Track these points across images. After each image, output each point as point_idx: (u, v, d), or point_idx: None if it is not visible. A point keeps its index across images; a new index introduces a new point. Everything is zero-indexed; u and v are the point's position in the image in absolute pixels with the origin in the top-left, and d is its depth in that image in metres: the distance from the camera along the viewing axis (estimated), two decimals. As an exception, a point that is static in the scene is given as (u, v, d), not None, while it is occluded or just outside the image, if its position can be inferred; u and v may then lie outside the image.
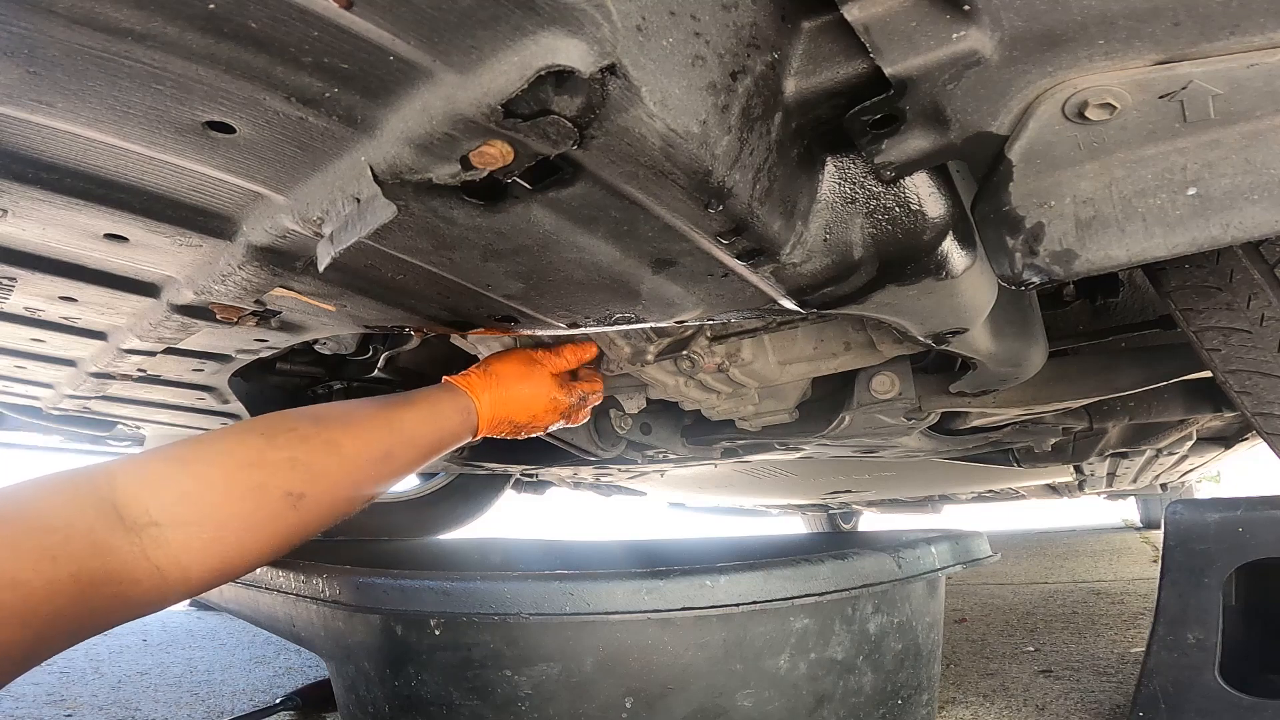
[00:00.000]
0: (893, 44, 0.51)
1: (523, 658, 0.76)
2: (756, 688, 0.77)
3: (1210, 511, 0.94)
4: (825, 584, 0.79)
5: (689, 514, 4.37)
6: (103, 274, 0.86)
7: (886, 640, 0.86)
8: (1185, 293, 1.02)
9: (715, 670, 0.76)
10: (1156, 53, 0.53)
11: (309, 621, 0.97)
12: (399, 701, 0.82)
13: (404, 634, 0.81)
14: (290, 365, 1.58)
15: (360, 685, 0.88)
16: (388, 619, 0.82)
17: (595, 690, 0.75)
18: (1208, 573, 0.92)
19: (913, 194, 0.66)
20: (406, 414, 0.91)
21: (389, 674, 0.83)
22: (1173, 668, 0.91)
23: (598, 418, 1.68)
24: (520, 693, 0.76)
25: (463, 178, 0.55)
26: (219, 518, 0.68)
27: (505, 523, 3.02)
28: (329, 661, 0.99)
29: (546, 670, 0.75)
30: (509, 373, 1.10)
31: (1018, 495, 3.70)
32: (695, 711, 0.75)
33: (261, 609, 1.09)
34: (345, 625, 0.89)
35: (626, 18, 0.43)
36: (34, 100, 0.52)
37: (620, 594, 0.73)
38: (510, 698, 0.76)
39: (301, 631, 0.99)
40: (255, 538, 0.71)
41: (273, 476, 0.73)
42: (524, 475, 2.62)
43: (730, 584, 0.75)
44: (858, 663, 0.83)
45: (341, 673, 0.92)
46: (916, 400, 1.31)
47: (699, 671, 0.75)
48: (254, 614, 1.12)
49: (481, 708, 0.77)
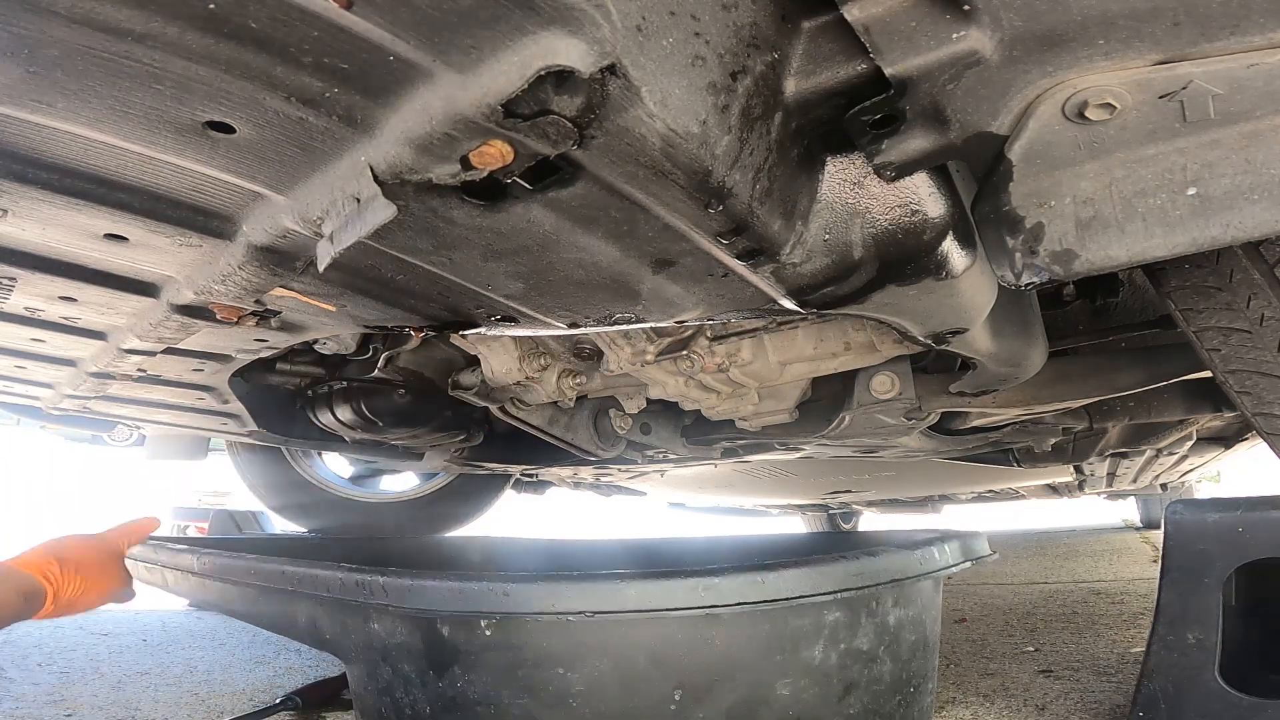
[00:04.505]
0: (893, 44, 0.51)
1: (577, 655, 0.78)
2: (794, 677, 0.81)
3: (1210, 511, 0.94)
4: (859, 579, 0.83)
5: (688, 514, 4.37)
6: (103, 274, 0.85)
7: (903, 632, 0.90)
8: (1185, 293, 1.02)
9: (759, 662, 0.80)
10: (1156, 53, 0.53)
11: (335, 624, 0.95)
12: (442, 703, 0.82)
13: (451, 635, 0.81)
14: (290, 365, 1.58)
15: (397, 687, 0.87)
16: (434, 620, 0.82)
17: (646, 684, 0.78)
18: (1208, 573, 0.91)
19: (913, 194, 0.66)
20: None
21: (432, 675, 0.83)
22: (1173, 668, 0.91)
23: (598, 418, 1.68)
24: (573, 689, 0.77)
25: (463, 178, 0.55)
26: None
27: (496, 522, 3.02)
28: (354, 665, 0.96)
29: (599, 666, 0.78)
30: (86, 563, 1.13)
31: (1018, 495, 3.70)
32: (739, 701, 0.79)
33: (274, 610, 1.07)
34: (383, 627, 0.88)
35: (626, 18, 0.43)
36: (34, 100, 0.52)
37: (679, 591, 0.76)
38: (562, 694, 0.78)
39: (326, 634, 0.97)
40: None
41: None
42: (524, 475, 2.62)
43: (779, 580, 0.78)
44: (879, 653, 0.87)
45: (373, 675, 0.91)
46: (916, 400, 1.31)
47: (744, 663, 0.79)
48: (262, 616, 1.11)
49: (532, 705, 0.78)
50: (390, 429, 1.66)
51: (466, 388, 1.45)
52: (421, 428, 1.72)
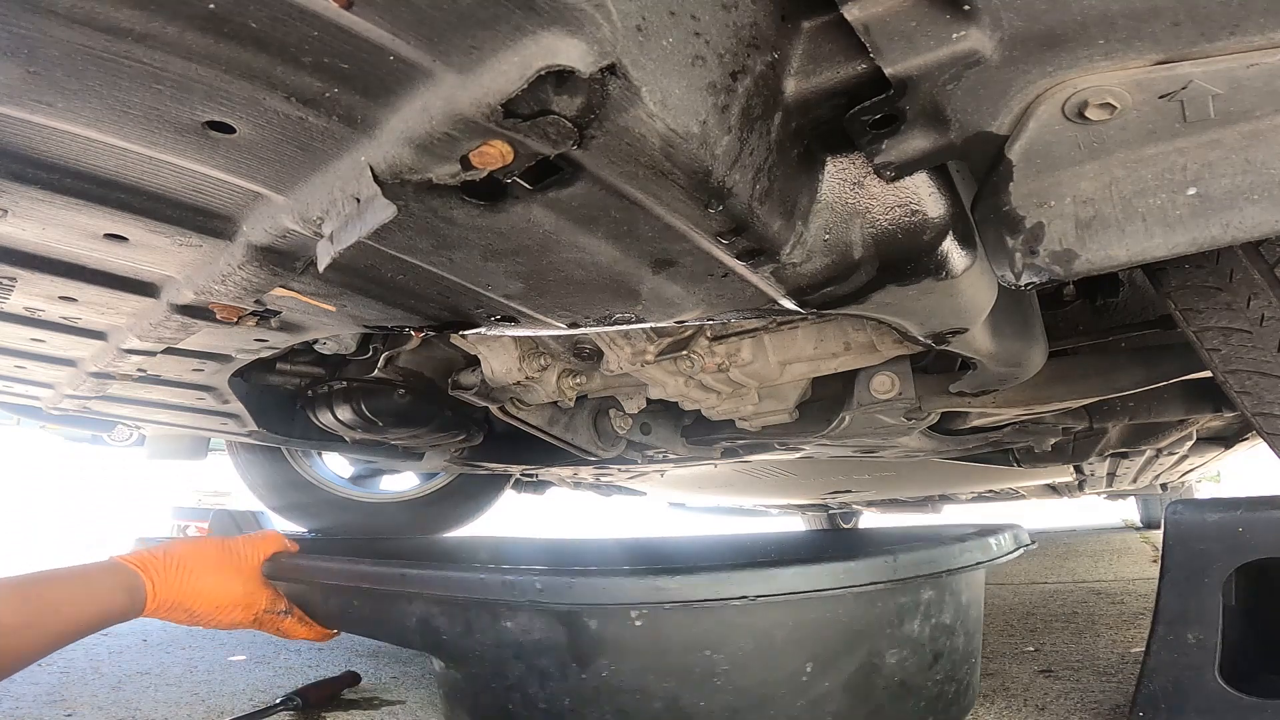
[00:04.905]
0: (893, 44, 0.51)
1: (724, 638, 0.85)
2: (899, 648, 0.92)
3: (1210, 511, 0.94)
4: (951, 563, 0.95)
5: (687, 514, 4.37)
6: (103, 274, 0.86)
7: (971, 610, 1.03)
8: (1185, 293, 1.02)
9: (874, 634, 0.90)
10: (1156, 53, 0.53)
11: (457, 625, 0.97)
12: (584, 694, 0.87)
13: (599, 627, 0.86)
14: (290, 365, 1.58)
15: (530, 683, 0.91)
16: (579, 614, 0.86)
17: (784, 659, 0.86)
18: (1208, 573, 0.91)
19: (913, 194, 0.66)
20: (55, 587, 0.97)
21: (575, 668, 0.87)
22: (1173, 668, 0.91)
23: (598, 418, 1.68)
24: (718, 669, 0.84)
25: (463, 178, 0.55)
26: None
27: (490, 523, 3.02)
28: (468, 666, 0.98)
29: (743, 646, 0.85)
30: (192, 558, 1.12)
31: (1018, 495, 3.70)
32: (857, 670, 0.89)
33: (375, 615, 1.09)
34: (518, 624, 0.91)
35: (626, 18, 0.43)
36: (34, 100, 0.52)
37: (825, 575, 0.85)
38: (707, 674, 0.84)
39: (443, 635, 0.98)
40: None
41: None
42: (524, 475, 2.62)
43: (904, 561, 0.90)
44: (956, 626, 0.99)
45: (498, 674, 0.93)
46: (916, 400, 1.31)
47: (864, 636, 0.90)
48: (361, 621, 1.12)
49: (677, 688, 0.85)
50: (390, 429, 1.66)
51: (466, 388, 1.45)
52: (421, 428, 1.72)
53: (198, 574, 1.12)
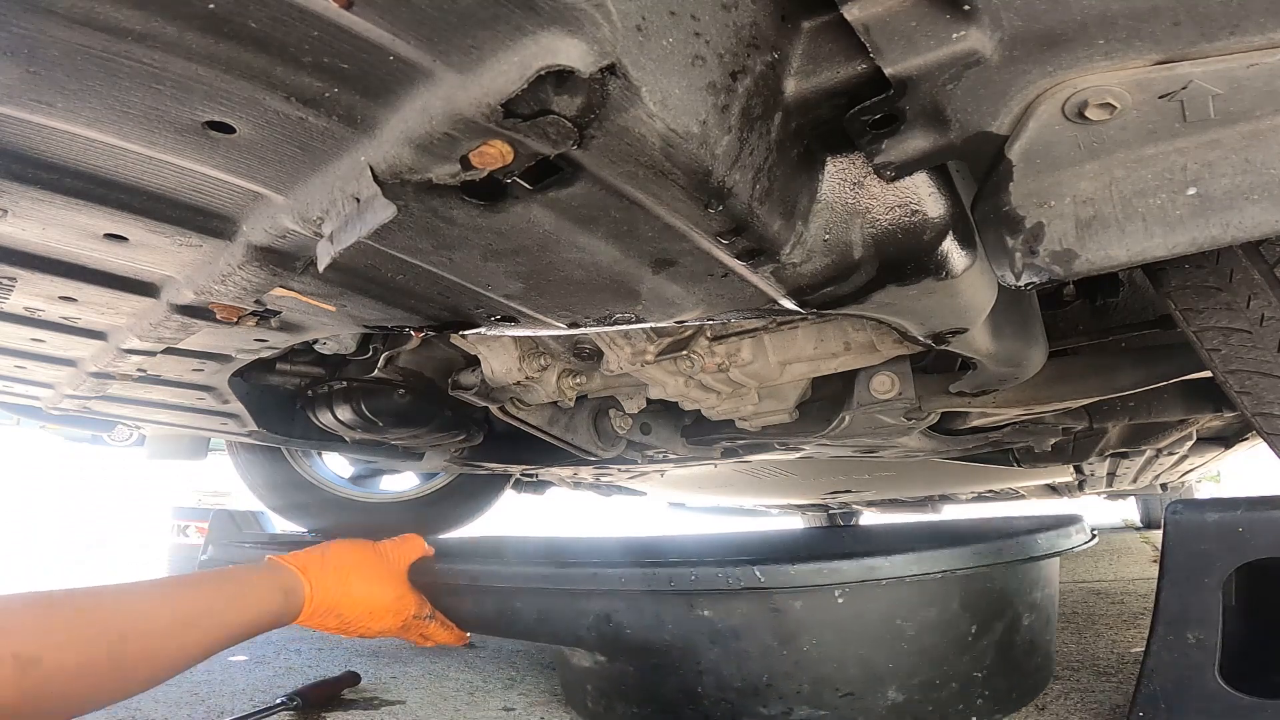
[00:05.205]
0: (893, 44, 0.51)
1: (912, 607, 0.99)
2: (1030, 611, 1.12)
3: (1210, 511, 0.94)
4: (1067, 544, 1.18)
5: (688, 513, 4.37)
6: (103, 274, 0.86)
7: (1056, 583, 1.24)
8: (1185, 293, 1.02)
9: (1017, 600, 1.09)
10: (1156, 53, 0.53)
11: (646, 617, 1.02)
12: (784, 669, 0.98)
13: (804, 606, 0.97)
14: (290, 365, 1.58)
15: (727, 665, 1.00)
16: (785, 596, 0.97)
17: (956, 623, 1.02)
18: (1208, 573, 0.91)
19: (913, 194, 0.66)
20: (206, 588, 0.92)
21: (775, 646, 0.98)
22: (1173, 668, 0.91)
23: (598, 418, 1.68)
24: (907, 634, 0.99)
25: (463, 178, 0.55)
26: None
27: (488, 523, 3.02)
28: (645, 658, 1.03)
29: (928, 614, 1.00)
30: (348, 560, 1.07)
31: (1018, 495, 3.70)
32: (1004, 630, 1.07)
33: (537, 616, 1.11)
34: (716, 611, 0.99)
35: (626, 18, 0.43)
36: (34, 100, 0.52)
37: (1007, 549, 1.06)
38: (897, 638, 0.99)
39: (626, 628, 1.04)
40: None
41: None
42: (524, 475, 2.62)
43: (1046, 539, 1.13)
44: (1054, 596, 1.21)
45: (689, 658, 1.01)
46: (916, 400, 1.31)
47: (1010, 601, 1.08)
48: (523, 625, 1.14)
49: (872, 652, 0.98)
50: (390, 429, 1.66)
51: (466, 388, 1.45)
52: (421, 428, 1.72)
53: (355, 577, 1.06)
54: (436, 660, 1.70)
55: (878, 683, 0.98)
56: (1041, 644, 1.18)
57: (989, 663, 1.05)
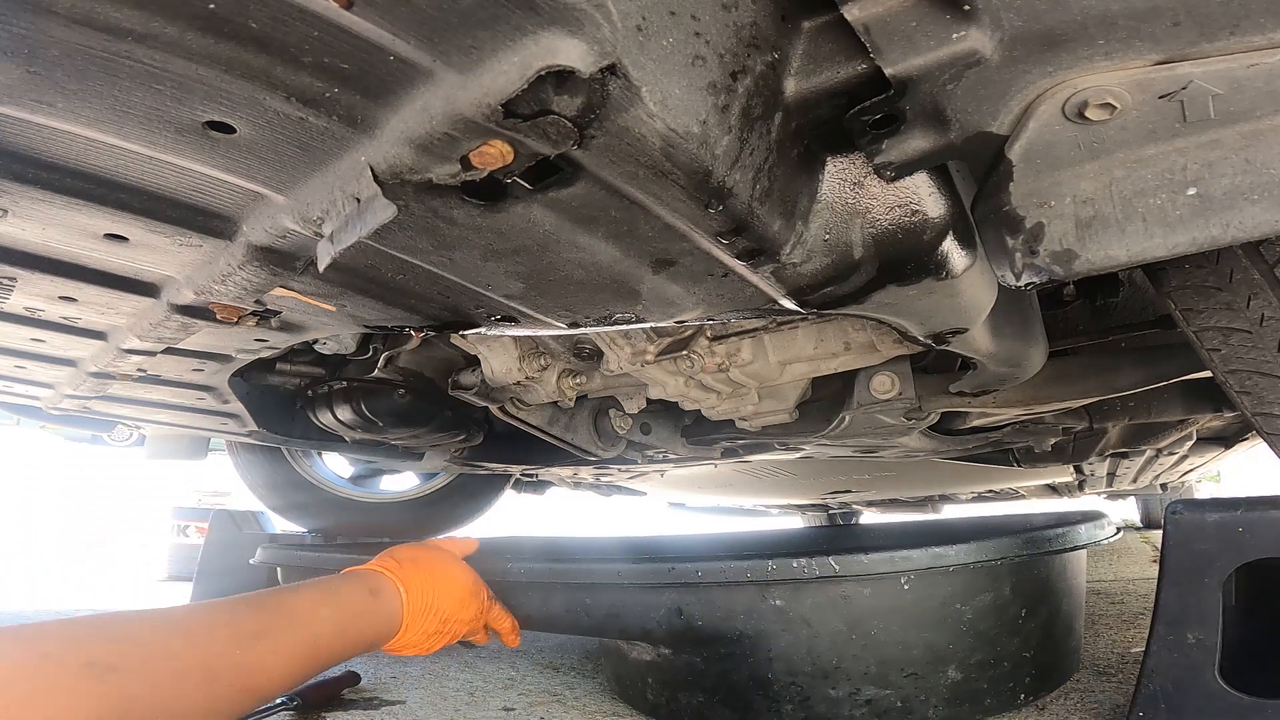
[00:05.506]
0: (893, 44, 0.51)
1: (972, 591, 1.06)
2: (1067, 597, 1.22)
3: (1210, 511, 0.94)
4: (1099, 536, 1.28)
5: (688, 513, 4.37)
6: (103, 274, 0.86)
7: (1085, 572, 1.33)
8: (1185, 293, 1.02)
9: (1059, 586, 1.19)
10: (1156, 53, 0.53)
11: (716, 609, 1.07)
12: (853, 651, 1.04)
13: (873, 593, 1.03)
14: (290, 365, 1.58)
15: (797, 651, 1.05)
16: (855, 584, 1.03)
17: (1009, 606, 1.09)
18: (1208, 573, 0.91)
19: (913, 194, 0.66)
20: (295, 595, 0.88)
21: (844, 630, 1.04)
22: (1173, 668, 0.91)
23: (598, 418, 1.68)
24: (965, 618, 1.06)
25: (463, 178, 0.55)
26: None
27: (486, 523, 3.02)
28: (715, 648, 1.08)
29: (983, 599, 1.07)
30: (422, 557, 1.06)
31: (1018, 495, 3.70)
32: (1048, 613, 1.16)
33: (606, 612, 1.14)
34: (786, 600, 1.04)
35: (627, 18, 0.43)
36: (34, 100, 0.52)
37: (1054, 539, 1.15)
38: (956, 620, 1.06)
39: (698, 620, 1.07)
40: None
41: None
42: (524, 475, 2.62)
43: (1087, 530, 1.24)
44: (1084, 585, 1.32)
45: (758, 649, 1.06)
46: (916, 400, 1.31)
47: (1054, 588, 1.18)
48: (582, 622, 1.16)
49: (933, 635, 1.05)
50: (390, 429, 1.66)
51: (466, 388, 1.45)
52: (421, 428, 1.72)
53: (434, 566, 1.05)
54: (436, 660, 1.70)
55: (939, 663, 1.05)
56: (1075, 628, 1.27)
57: (1035, 643, 1.13)
